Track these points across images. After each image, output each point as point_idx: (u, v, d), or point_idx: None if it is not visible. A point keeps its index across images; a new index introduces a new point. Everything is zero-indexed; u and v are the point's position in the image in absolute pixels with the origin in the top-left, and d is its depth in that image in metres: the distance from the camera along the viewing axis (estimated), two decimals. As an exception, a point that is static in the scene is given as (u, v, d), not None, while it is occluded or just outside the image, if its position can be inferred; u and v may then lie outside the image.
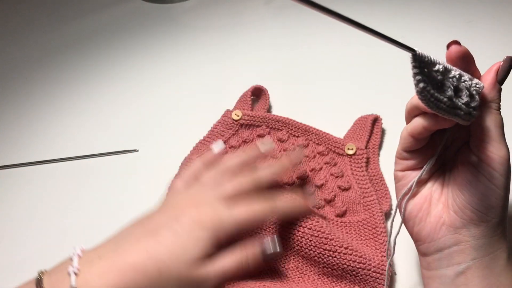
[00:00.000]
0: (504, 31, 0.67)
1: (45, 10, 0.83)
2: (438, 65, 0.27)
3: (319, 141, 0.52)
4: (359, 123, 0.53)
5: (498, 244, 0.32)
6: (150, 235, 0.34)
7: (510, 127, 0.52)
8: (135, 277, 0.32)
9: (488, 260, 0.32)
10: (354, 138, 0.52)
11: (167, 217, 0.36)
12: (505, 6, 0.71)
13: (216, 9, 0.79)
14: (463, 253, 0.32)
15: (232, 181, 0.39)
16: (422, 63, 0.26)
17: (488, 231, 0.32)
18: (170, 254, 0.33)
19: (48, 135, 0.59)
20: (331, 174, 0.48)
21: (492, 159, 0.31)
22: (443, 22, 0.70)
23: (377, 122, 0.53)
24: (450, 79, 0.28)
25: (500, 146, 0.31)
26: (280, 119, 0.54)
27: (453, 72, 0.28)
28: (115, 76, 0.67)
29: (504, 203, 0.31)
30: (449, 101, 0.28)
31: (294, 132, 0.53)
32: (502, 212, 0.32)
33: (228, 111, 0.55)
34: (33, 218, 0.49)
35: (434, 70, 0.27)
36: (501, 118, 0.31)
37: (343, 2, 0.77)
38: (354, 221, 0.44)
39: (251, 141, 0.53)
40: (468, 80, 0.30)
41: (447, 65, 0.28)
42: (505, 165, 0.31)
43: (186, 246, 0.34)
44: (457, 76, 0.29)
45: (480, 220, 0.32)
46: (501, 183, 0.31)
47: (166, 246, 0.34)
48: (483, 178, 0.31)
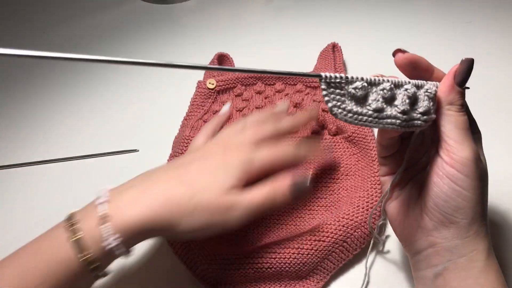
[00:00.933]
0: (504, 31, 0.67)
1: (45, 10, 0.83)
2: (358, 82, 0.28)
3: (294, 81, 0.57)
4: (322, 55, 0.61)
5: (472, 245, 0.32)
6: (180, 166, 0.36)
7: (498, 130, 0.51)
8: (166, 203, 0.32)
9: (464, 262, 0.32)
10: (322, 69, 0.59)
11: (194, 157, 0.38)
12: (505, 6, 0.71)
13: (216, 9, 0.79)
14: (438, 255, 0.33)
15: (255, 128, 0.41)
16: (333, 84, 0.28)
17: (459, 232, 0.32)
18: (200, 180, 0.34)
19: (48, 135, 0.59)
20: (313, 101, 0.54)
21: (454, 160, 0.31)
22: (443, 22, 0.70)
23: (336, 48, 0.61)
24: (381, 91, 0.29)
25: (462, 147, 0.31)
26: (252, 74, 0.57)
27: (383, 84, 0.29)
28: (115, 76, 0.67)
29: (475, 204, 0.31)
30: (375, 112, 0.29)
31: (268, 81, 0.58)
32: (472, 213, 0.31)
33: (201, 82, 0.57)
34: (33, 218, 0.49)
35: (353, 88, 0.29)
36: (464, 120, 0.31)
37: (344, 3, 0.77)
38: (346, 136, 0.49)
39: (231, 102, 0.56)
40: (412, 87, 0.30)
41: (378, 79, 0.29)
42: (469, 166, 0.31)
43: (216, 174, 0.35)
44: (387, 87, 0.29)
45: (449, 222, 0.32)
46: (467, 185, 0.31)
47: (196, 174, 0.35)
48: (447, 180, 0.31)
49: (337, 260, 0.42)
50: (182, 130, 0.53)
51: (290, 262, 0.40)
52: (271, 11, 0.77)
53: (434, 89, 0.31)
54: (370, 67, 0.63)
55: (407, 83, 0.30)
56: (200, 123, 0.53)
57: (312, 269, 0.41)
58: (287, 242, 0.41)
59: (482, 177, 0.32)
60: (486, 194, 0.33)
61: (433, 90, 0.31)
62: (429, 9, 0.73)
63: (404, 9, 0.74)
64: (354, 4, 0.76)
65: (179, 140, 0.52)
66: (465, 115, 0.31)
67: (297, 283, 0.41)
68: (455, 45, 0.65)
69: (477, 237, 0.32)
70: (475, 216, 0.31)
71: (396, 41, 0.67)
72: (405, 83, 0.30)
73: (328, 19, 0.74)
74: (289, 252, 0.40)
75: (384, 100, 0.29)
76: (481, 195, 0.31)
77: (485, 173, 0.32)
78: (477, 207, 0.31)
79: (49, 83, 0.67)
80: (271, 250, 0.40)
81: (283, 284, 0.41)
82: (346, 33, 0.70)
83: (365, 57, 0.64)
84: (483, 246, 0.32)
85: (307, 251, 0.40)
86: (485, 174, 0.32)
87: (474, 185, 0.31)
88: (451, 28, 0.68)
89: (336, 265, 0.42)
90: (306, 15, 0.75)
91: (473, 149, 0.31)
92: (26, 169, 0.52)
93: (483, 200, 0.32)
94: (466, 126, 0.31)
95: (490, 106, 0.56)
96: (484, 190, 0.32)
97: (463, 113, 0.31)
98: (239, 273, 0.40)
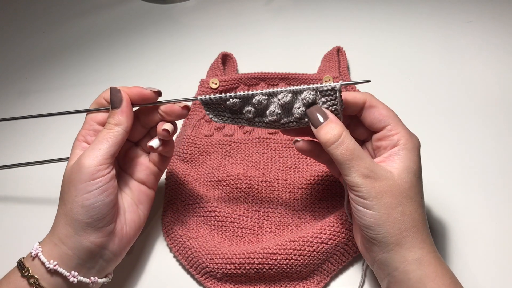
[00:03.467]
0: (504, 31, 0.67)
1: (45, 10, 0.83)
2: (232, 99, 0.37)
3: (297, 82, 0.57)
4: (326, 57, 0.61)
5: (400, 257, 0.33)
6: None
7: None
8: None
9: (400, 275, 0.33)
10: (327, 70, 0.58)
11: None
12: (505, 6, 0.71)
13: (216, 9, 0.79)
14: (380, 269, 0.35)
15: None
16: (211, 104, 0.38)
17: (381, 246, 0.33)
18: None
19: (48, 135, 0.59)
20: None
21: (348, 185, 0.34)
22: (443, 22, 0.70)
23: (341, 51, 0.61)
24: (256, 104, 0.37)
25: (346, 175, 0.34)
26: (255, 75, 0.57)
27: (256, 98, 0.36)
28: (115, 76, 0.67)
29: (382, 221, 0.32)
30: (254, 118, 0.38)
31: (271, 82, 0.57)
32: (384, 229, 0.32)
33: (204, 81, 0.57)
34: (33, 218, 0.49)
35: (230, 104, 0.37)
36: (341, 151, 0.33)
37: (343, 2, 0.77)
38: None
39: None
40: (284, 97, 0.36)
41: (251, 93, 0.36)
42: (362, 188, 0.33)
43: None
44: (258, 101, 0.36)
45: (370, 238, 0.34)
46: (367, 205, 0.33)
47: None
48: (352, 202, 0.35)
49: (337, 262, 0.42)
50: (184, 129, 0.53)
51: (291, 263, 0.40)
52: (271, 11, 0.77)
53: (310, 96, 0.35)
54: (370, 67, 0.63)
55: (279, 92, 0.36)
56: (201, 123, 0.53)
57: (312, 271, 0.41)
58: (288, 243, 0.41)
59: (382, 194, 0.33)
60: (400, 208, 0.33)
61: (309, 97, 0.35)
62: (429, 10, 0.73)
63: (404, 9, 0.73)
64: (354, 3, 0.76)
65: (180, 139, 0.52)
66: (342, 145, 0.34)
67: (297, 284, 0.41)
68: (455, 45, 0.65)
69: (402, 249, 0.32)
70: (391, 230, 0.32)
71: (396, 41, 0.67)
72: (278, 93, 0.36)
73: (328, 19, 0.74)
74: (291, 254, 0.40)
75: (257, 111, 0.37)
76: (388, 210, 0.32)
77: (387, 189, 0.33)
78: (387, 222, 0.32)
79: (49, 83, 0.67)
80: (272, 251, 0.40)
81: (283, 284, 0.41)
82: (346, 32, 0.70)
83: (366, 57, 0.64)
84: (412, 257, 0.32)
85: (308, 253, 0.40)
86: (387, 190, 0.33)
87: (375, 204, 0.32)
88: (451, 28, 0.68)
89: (337, 267, 0.42)
90: (306, 15, 0.75)
91: (358, 174, 0.33)
92: (26, 169, 0.52)
93: (393, 215, 0.32)
94: (347, 157, 0.33)
95: (490, 106, 0.56)
96: (392, 205, 0.33)
97: (341, 146, 0.34)
98: (239, 273, 0.40)
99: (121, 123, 0.37)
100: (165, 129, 0.39)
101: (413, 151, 0.35)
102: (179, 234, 0.44)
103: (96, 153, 0.35)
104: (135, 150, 0.42)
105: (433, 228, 0.44)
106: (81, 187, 0.34)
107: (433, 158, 0.51)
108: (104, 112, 0.39)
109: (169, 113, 0.39)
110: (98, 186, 0.35)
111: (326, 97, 0.35)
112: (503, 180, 0.48)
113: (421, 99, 0.58)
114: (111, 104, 0.38)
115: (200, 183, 0.48)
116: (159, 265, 0.44)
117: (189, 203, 0.46)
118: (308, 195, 0.46)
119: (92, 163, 0.35)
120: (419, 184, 0.35)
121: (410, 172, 0.34)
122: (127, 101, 0.38)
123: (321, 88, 0.35)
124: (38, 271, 0.34)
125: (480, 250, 0.43)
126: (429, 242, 0.34)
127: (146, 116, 0.40)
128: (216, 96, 0.37)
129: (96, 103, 0.40)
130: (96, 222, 0.35)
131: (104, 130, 0.37)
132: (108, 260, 0.37)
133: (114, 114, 0.37)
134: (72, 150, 0.38)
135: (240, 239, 0.44)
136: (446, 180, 0.49)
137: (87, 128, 0.39)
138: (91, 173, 0.34)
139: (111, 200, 0.36)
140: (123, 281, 0.42)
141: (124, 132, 0.37)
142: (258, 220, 0.45)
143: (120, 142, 0.37)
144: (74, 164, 0.36)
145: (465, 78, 0.60)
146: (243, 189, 0.47)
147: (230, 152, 0.51)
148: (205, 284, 0.41)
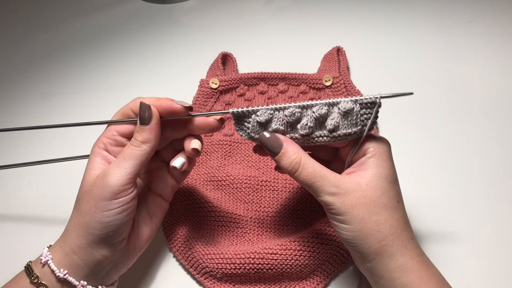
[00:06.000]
0: (504, 31, 0.67)
1: (45, 10, 0.83)
2: (264, 112, 0.35)
3: (297, 82, 0.57)
4: (326, 57, 0.61)
5: (382, 266, 0.33)
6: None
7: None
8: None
9: (385, 283, 0.33)
10: (327, 70, 0.58)
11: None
12: (505, 6, 0.71)
13: (216, 9, 0.79)
14: (368, 277, 0.36)
15: None
16: (240, 117, 0.36)
17: (364, 258, 0.34)
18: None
19: (48, 135, 0.59)
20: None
21: (320, 202, 0.35)
22: (443, 22, 0.70)
23: (341, 51, 0.61)
24: (288, 117, 0.35)
25: (317, 196, 0.34)
26: (255, 75, 0.57)
27: (288, 110, 0.35)
28: (115, 76, 0.67)
29: (358, 234, 0.33)
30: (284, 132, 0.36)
31: (271, 82, 0.57)
32: (361, 240, 0.33)
33: (204, 81, 0.57)
34: (33, 218, 0.49)
35: (258, 120, 0.35)
36: (306, 174, 0.34)
37: (343, 2, 0.77)
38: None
39: (233, 102, 0.56)
40: (319, 109, 0.35)
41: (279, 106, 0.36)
42: (332, 207, 0.33)
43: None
44: (291, 113, 0.35)
45: (352, 250, 0.35)
46: (342, 219, 0.33)
47: None
48: (329, 218, 0.35)
49: (337, 263, 0.42)
50: None
51: (291, 263, 0.40)
52: (271, 11, 0.77)
53: (348, 106, 0.34)
54: (370, 67, 0.63)
55: (313, 105, 0.35)
56: None
57: (312, 271, 0.41)
58: (288, 243, 0.41)
59: (353, 207, 0.33)
60: (374, 217, 0.33)
61: (346, 107, 0.34)
62: (429, 10, 0.72)
63: (404, 8, 0.73)
64: (354, 3, 0.76)
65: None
66: (304, 170, 0.34)
67: (297, 284, 0.41)
68: (455, 45, 0.65)
69: (384, 258, 0.33)
70: (368, 241, 0.33)
71: (396, 41, 0.67)
72: (312, 106, 0.35)
73: (328, 19, 0.73)
74: (291, 254, 0.40)
75: (287, 123, 0.36)
76: (361, 222, 0.33)
77: (357, 202, 0.33)
78: (363, 233, 0.33)
79: (49, 83, 0.67)
80: (272, 251, 0.40)
81: (283, 285, 0.41)
82: (346, 32, 0.70)
83: (366, 57, 0.64)
84: (394, 264, 0.32)
85: (309, 253, 0.40)
86: (358, 203, 0.33)
87: (347, 218, 0.33)
88: (451, 28, 0.68)
89: (336, 268, 0.42)
90: (306, 15, 0.75)
91: (325, 193, 0.33)
92: (26, 169, 0.52)
93: (367, 226, 0.33)
94: (311, 180, 0.34)
95: (490, 106, 0.56)
96: (365, 216, 0.33)
97: (303, 172, 0.34)
98: (239, 273, 0.40)
99: (149, 141, 0.35)
100: (195, 149, 0.37)
101: (382, 156, 0.34)
102: (179, 234, 0.44)
103: (121, 172, 0.34)
104: (155, 160, 0.41)
105: (427, 229, 0.44)
106: (102, 204, 0.34)
107: (433, 158, 0.51)
108: (129, 124, 0.38)
109: (203, 127, 0.37)
110: (119, 205, 0.34)
111: (365, 109, 0.34)
112: (503, 180, 0.48)
113: (421, 99, 0.58)
114: (140, 120, 0.36)
115: (200, 183, 0.49)
116: (159, 265, 0.44)
117: (189, 203, 0.46)
118: (308, 195, 0.46)
119: (117, 183, 0.34)
120: (393, 188, 0.34)
121: (380, 178, 0.33)
122: (156, 119, 0.36)
123: (361, 100, 0.34)
124: (47, 278, 0.34)
125: (478, 251, 0.43)
126: (412, 246, 0.33)
127: (172, 129, 0.39)
128: (249, 109, 0.35)
129: (122, 113, 0.38)
130: (111, 238, 0.34)
131: (131, 147, 0.35)
132: (116, 270, 0.37)
133: (143, 131, 0.35)
134: (92, 156, 0.37)
135: (240, 239, 0.44)
136: (447, 180, 0.49)
137: (109, 136, 0.37)
138: (115, 193, 0.34)
139: (129, 220, 0.35)
140: (124, 281, 0.42)
141: (151, 150, 0.36)
142: (258, 220, 0.45)
143: (146, 161, 0.36)
144: (98, 179, 0.35)
145: (465, 78, 0.60)
146: (243, 189, 0.47)
147: (230, 152, 0.51)
148: (205, 284, 0.41)
